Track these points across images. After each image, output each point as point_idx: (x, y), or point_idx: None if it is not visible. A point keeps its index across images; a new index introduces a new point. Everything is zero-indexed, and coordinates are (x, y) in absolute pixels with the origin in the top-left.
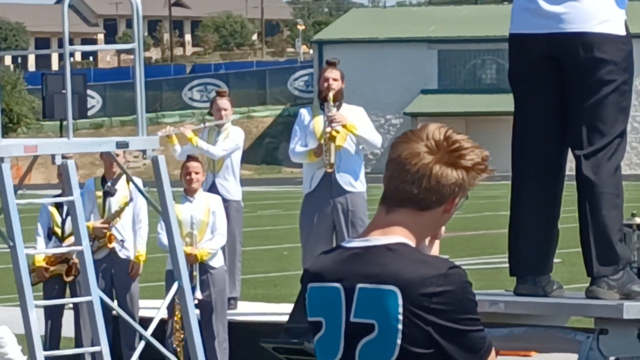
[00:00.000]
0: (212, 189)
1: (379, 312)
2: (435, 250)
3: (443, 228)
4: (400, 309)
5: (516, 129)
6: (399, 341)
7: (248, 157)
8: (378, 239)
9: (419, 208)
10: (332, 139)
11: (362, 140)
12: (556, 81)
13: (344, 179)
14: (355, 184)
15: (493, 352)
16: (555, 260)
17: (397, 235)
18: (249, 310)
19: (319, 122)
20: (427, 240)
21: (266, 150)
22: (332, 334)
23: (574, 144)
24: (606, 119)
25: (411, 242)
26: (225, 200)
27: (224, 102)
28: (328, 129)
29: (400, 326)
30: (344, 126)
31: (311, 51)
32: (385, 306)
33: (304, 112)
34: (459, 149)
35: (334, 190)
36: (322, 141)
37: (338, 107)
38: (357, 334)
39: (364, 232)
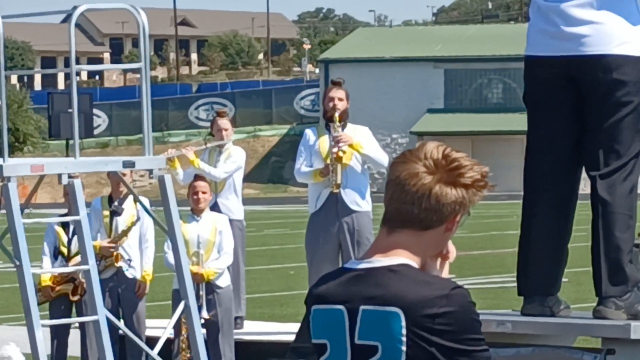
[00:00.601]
0: (215, 208)
1: (382, 334)
2: (445, 273)
3: (454, 250)
4: (404, 331)
5: (530, 149)
6: None
7: (254, 176)
8: (380, 260)
9: (420, 228)
10: (339, 159)
11: (368, 159)
12: (572, 102)
13: (350, 198)
14: (361, 203)
15: None
16: (562, 279)
17: (400, 257)
18: (256, 330)
19: (324, 142)
20: (437, 264)
21: (272, 169)
22: (337, 356)
23: (589, 164)
24: (623, 140)
25: (414, 262)
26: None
27: (224, 122)
28: (335, 149)
29: (404, 348)
30: (350, 146)
31: (317, 70)
32: (389, 328)
33: (309, 133)
34: (458, 167)
35: (340, 210)
36: (329, 161)
37: (343, 127)
38: (361, 356)
39: (367, 254)
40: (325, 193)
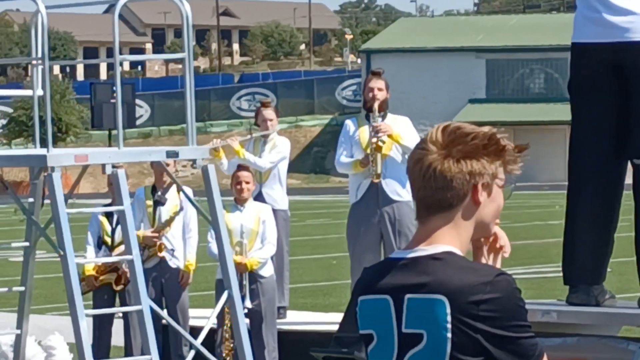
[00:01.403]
0: (259, 198)
1: (427, 322)
2: (498, 266)
3: (508, 245)
4: (449, 318)
5: (574, 137)
6: (448, 350)
7: (296, 166)
8: (424, 249)
9: (445, 210)
10: (378, 149)
11: (408, 150)
12: (617, 90)
13: (390, 188)
14: (401, 192)
15: (545, 359)
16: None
17: (442, 244)
18: (298, 320)
19: (364, 133)
20: (491, 258)
21: (314, 159)
22: (385, 346)
23: (634, 152)
24: None
25: (456, 248)
26: (272, 210)
27: (269, 113)
28: (374, 140)
29: (449, 335)
30: (389, 136)
31: (359, 60)
32: (434, 315)
33: (349, 123)
34: (457, 138)
35: (381, 200)
36: (368, 151)
37: (383, 117)
38: (407, 345)
39: (410, 244)
40: (365, 183)
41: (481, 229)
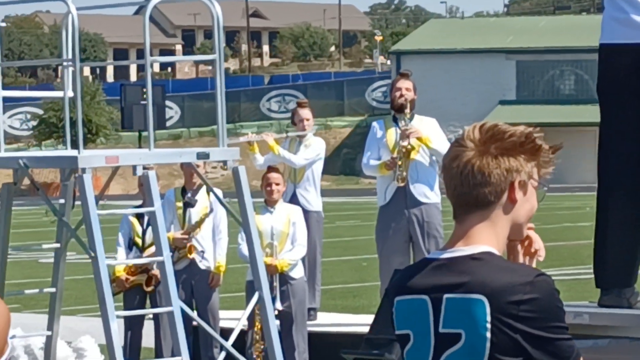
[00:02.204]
0: (293, 199)
1: (466, 322)
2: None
3: (543, 249)
4: (488, 318)
5: (603, 140)
6: (487, 350)
7: (326, 168)
8: (462, 249)
9: (482, 208)
10: (407, 153)
11: (436, 153)
12: None
13: (418, 191)
14: (429, 195)
15: None
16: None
17: (480, 244)
18: (329, 321)
19: (391, 135)
20: (527, 261)
21: (344, 161)
22: (422, 346)
23: None
24: None
25: (494, 247)
26: (305, 211)
27: (305, 112)
28: (404, 143)
29: (488, 334)
30: (418, 139)
31: (389, 62)
32: (473, 315)
33: (376, 125)
34: (494, 135)
35: (409, 202)
36: (395, 153)
37: (411, 118)
38: (444, 345)
39: (448, 244)
40: (393, 186)
41: (515, 229)
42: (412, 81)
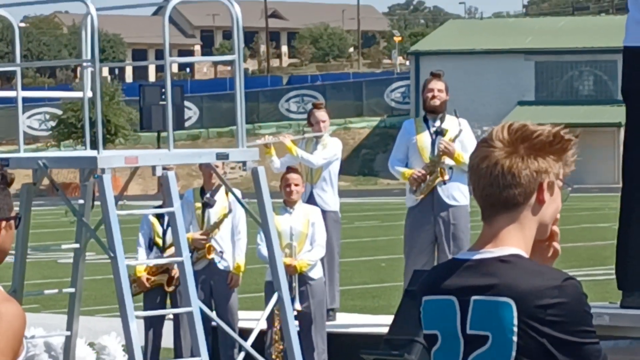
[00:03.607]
0: (310, 199)
1: (493, 324)
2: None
3: (558, 245)
4: (515, 321)
5: (628, 142)
6: (514, 353)
7: (345, 168)
8: (491, 251)
9: (511, 208)
10: (441, 174)
11: (465, 167)
12: None
13: (446, 193)
14: (458, 197)
15: None
16: None
17: (509, 247)
18: (348, 322)
19: (422, 138)
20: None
21: (363, 161)
22: (449, 347)
23: None
24: None
25: (522, 250)
26: (322, 211)
27: (321, 114)
28: (438, 167)
29: (515, 338)
30: (451, 156)
31: (408, 62)
32: (500, 318)
33: (407, 126)
34: (523, 135)
35: (436, 205)
36: (428, 164)
37: (442, 120)
38: (472, 346)
39: (475, 245)
40: (422, 187)
41: (541, 230)
42: (444, 82)
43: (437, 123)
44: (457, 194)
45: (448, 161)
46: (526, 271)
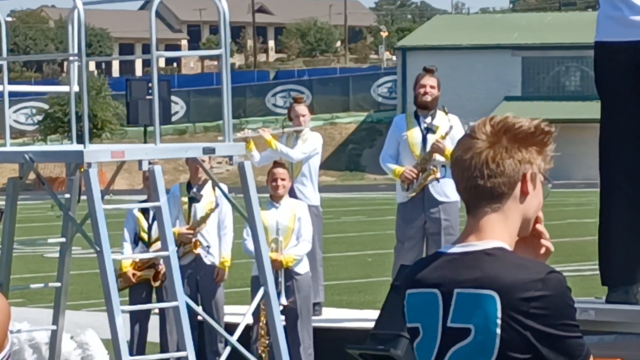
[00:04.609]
0: (290, 194)
1: (476, 317)
2: None
3: (549, 243)
4: (499, 314)
5: (603, 137)
6: (497, 346)
7: (331, 163)
8: (475, 244)
9: (495, 199)
10: (433, 174)
11: None
12: None
13: (437, 190)
14: (448, 193)
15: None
16: None
17: (493, 239)
18: (334, 317)
19: (413, 134)
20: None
21: (349, 156)
22: (430, 340)
23: None
24: None
25: (506, 243)
26: None
27: (301, 108)
28: (430, 167)
29: (498, 331)
30: (443, 153)
31: (394, 58)
32: (484, 311)
33: (398, 121)
34: (505, 126)
35: (427, 201)
36: (419, 161)
37: (433, 116)
38: (451, 340)
39: (460, 238)
40: (414, 185)
41: (524, 225)
42: (436, 78)
43: (428, 119)
44: (448, 190)
45: (439, 158)
46: (510, 264)
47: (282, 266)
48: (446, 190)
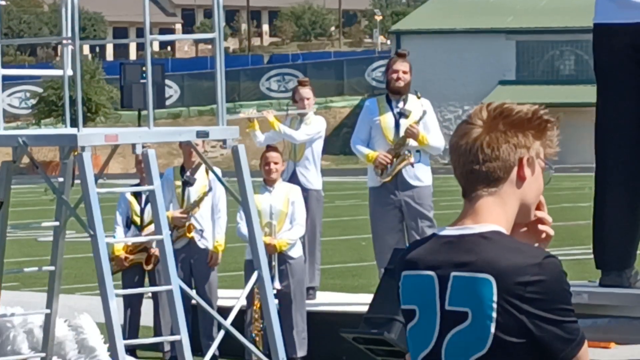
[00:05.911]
0: (293, 177)
1: (473, 301)
2: None
3: (549, 228)
4: (495, 297)
5: (599, 120)
6: (492, 329)
7: (325, 147)
8: (471, 227)
9: (491, 183)
10: (407, 159)
11: (428, 148)
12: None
13: (410, 174)
14: (422, 177)
15: (586, 344)
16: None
17: (490, 223)
18: (328, 301)
19: (386, 119)
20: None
21: (344, 140)
22: (426, 323)
23: None
24: None
25: (503, 226)
26: (305, 190)
27: (306, 91)
28: (405, 152)
29: (494, 314)
30: (416, 138)
31: (389, 42)
32: (480, 294)
33: (369, 105)
34: (502, 112)
35: (400, 185)
36: (393, 146)
37: (405, 101)
38: (450, 322)
39: (456, 221)
40: (388, 170)
41: (524, 211)
42: (408, 62)
43: (401, 104)
44: (420, 173)
45: (413, 143)
46: (506, 248)
47: (275, 250)
48: (419, 174)
